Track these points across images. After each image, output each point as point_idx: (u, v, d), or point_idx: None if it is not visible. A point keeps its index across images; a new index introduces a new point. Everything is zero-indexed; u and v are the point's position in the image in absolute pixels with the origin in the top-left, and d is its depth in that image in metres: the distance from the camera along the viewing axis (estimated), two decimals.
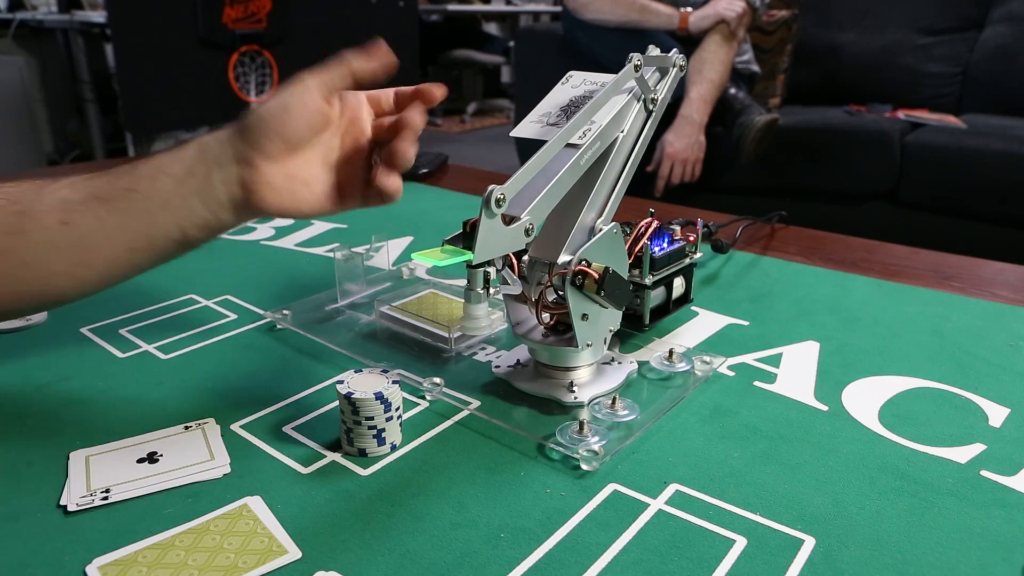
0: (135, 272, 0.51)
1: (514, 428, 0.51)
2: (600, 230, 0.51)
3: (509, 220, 0.46)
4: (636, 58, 0.52)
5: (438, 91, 0.52)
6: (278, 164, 0.48)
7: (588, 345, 0.52)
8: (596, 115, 0.51)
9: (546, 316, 0.53)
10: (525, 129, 0.52)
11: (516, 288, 0.50)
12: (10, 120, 3.22)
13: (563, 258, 0.50)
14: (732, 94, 1.95)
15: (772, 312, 0.70)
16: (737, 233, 0.88)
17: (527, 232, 0.47)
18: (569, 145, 0.50)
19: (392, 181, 0.50)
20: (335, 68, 0.50)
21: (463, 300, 0.49)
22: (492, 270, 0.47)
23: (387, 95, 0.54)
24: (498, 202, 0.44)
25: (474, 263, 0.45)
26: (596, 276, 0.48)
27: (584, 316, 0.50)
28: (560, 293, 0.51)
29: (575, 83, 0.55)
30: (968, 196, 2.00)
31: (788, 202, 2.02)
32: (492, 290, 0.48)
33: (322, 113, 0.50)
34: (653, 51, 0.56)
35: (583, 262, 0.49)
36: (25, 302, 0.50)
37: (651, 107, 0.55)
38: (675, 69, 0.56)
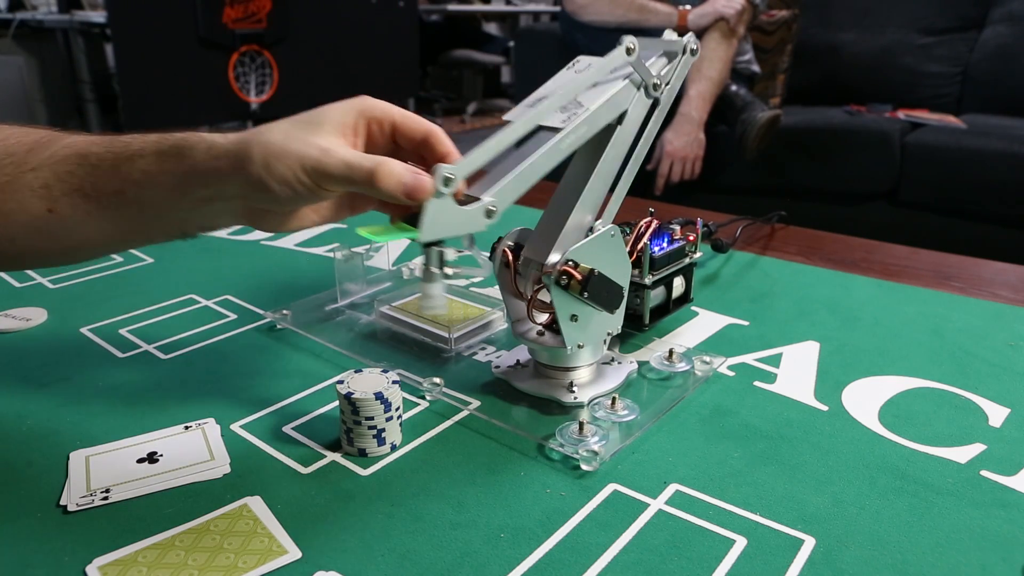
0: (141, 246, 0.50)
1: (514, 428, 0.51)
2: (597, 231, 0.50)
3: (471, 200, 0.45)
4: (628, 40, 0.48)
5: (447, 141, 0.47)
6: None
7: (579, 346, 0.51)
8: (583, 98, 0.49)
9: (539, 315, 0.52)
10: (516, 113, 0.50)
11: (486, 270, 0.49)
12: (10, 120, 3.22)
13: (552, 257, 0.49)
14: (734, 91, 1.95)
15: (772, 312, 0.70)
16: (737, 233, 0.88)
17: (488, 214, 0.45)
18: (549, 128, 0.48)
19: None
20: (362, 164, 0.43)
21: (422, 284, 0.47)
22: (451, 251, 0.46)
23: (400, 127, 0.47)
24: (446, 180, 0.43)
25: (420, 240, 0.44)
26: (580, 277, 0.48)
27: (573, 317, 0.50)
28: None
29: (580, 68, 0.52)
30: (968, 196, 2.00)
31: (788, 202, 2.02)
32: (450, 270, 0.46)
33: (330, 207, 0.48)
34: (669, 35, 0.53)
35: (569, 262, 0.48)
36: (21, 268, 0.50)
37: (654, 93, 0.51)
38: (685, 55, 0.52)
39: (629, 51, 0.49)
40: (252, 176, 0.42)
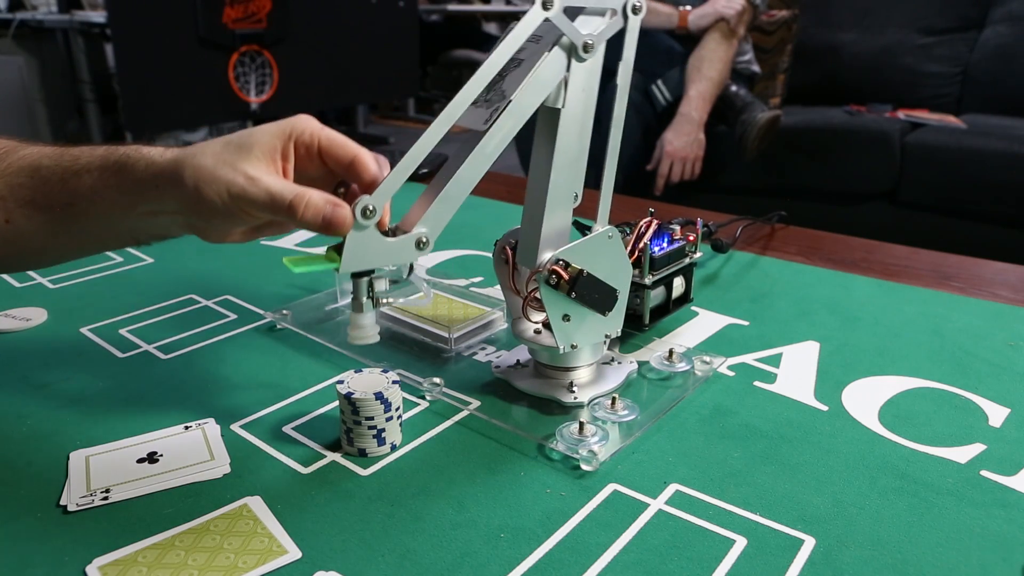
0: (97, 253, 0.52)
1: (514, 428, 0.51)
2: (595, 231, 0.49)
3: (399, 232, 0.45)
4: None
5: (373, 167, 0.46)
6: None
7: (572, 347, 0.51)
8: (508, 83, 0.44)
9: (535, 314, 0.52)
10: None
11: (428, 299, 0.49)
12: (10, 120, 3.22)
13: (544, 256, 0.49)
14: (734, 91, 1.95)
15: (772, 312, 0.70)
16: (737, 233, 0.88)
17: (419, 245, 0.45)
18: (473, 132, 0.45)
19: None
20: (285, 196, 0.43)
21: (352, 314, 0.46)
22: (382, 280, 0.46)
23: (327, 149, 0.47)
24: (365, 212, 0.42)
25: (341, 271, 0.44)
26: (567, 277, 0.48)
27: (566, 317, 0.49)
28: None
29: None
30: (968, 196, 2.00)
31: (788, 202, 2.02)
32: (385, 301, 0.46)
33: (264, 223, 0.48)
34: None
35: (560, 262, 0.48)
36: None
37: (584, 55, 0.44)
38: (623, 15, 0.45)
39: (546, 5, 0.42)
40: (183, 197, 0.43)
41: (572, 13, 0.44)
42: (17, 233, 0.48)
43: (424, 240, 0.45)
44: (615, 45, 0.47)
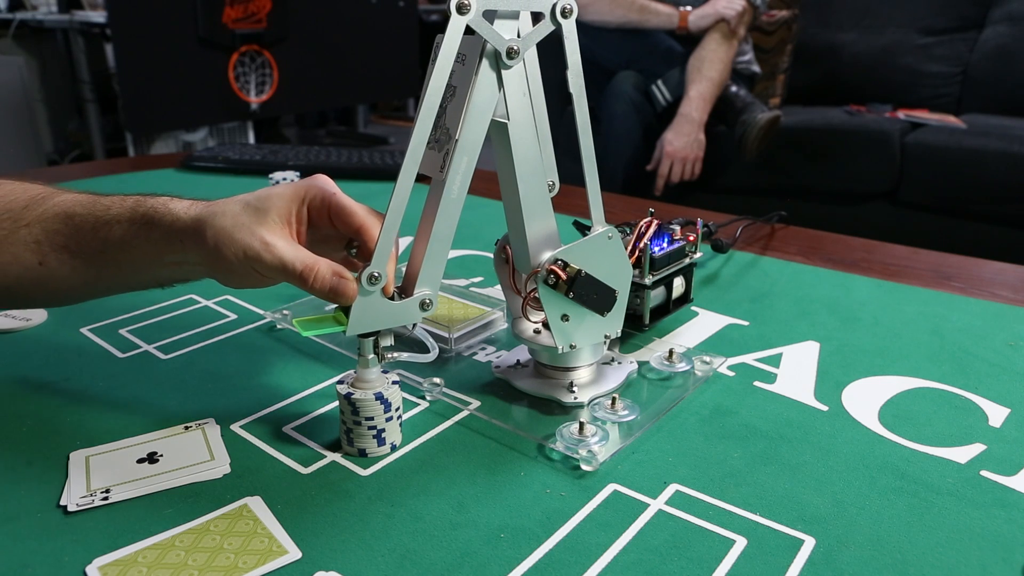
0: (118, 293, 0.55)
1: (514, 428, 0.51)
2: (595, 231, 0.49)
3: (403, 296, 0.46)
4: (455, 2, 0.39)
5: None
6: None
7: (571, 347, 0.51)
8: (450, 117, 0.44)
9: (535, 314, 0.52)
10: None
11: (432, 353, 0.49)
12: (10, 120, 3.22)
13: (538, 258, 0.49)
14: (734, 92, 1.95)
15: (772, 312, 0.70)
16: (737, 233, 0.88)
17: (423, 306, 0.47)
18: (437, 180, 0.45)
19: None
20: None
21: (359, 370, 0.48)
22: (387, 338, 0.47)
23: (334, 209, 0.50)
24: (371, 279, 0.44)
25: (348, 334, 0.46)
26: (565, 277, 0.48)
27: (564, 317, 0.50)
28: None
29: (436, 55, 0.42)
30: (968, 196, 2.00)
31: (788, 202, 2.03)
32: (390, 355, 0.48)
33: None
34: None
35: (558, 262, 0.48)
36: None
37: (508, 62, 0.43)
38: (553, 19, 0.43)
39: (462, 8, 0.39)
40: (205, 253, 0.47)
41: (492, 16, 0.42)
42: (49, 275, 0.51)
43: (428, 301, 0.47)
44: (614, 45, 0.47)
